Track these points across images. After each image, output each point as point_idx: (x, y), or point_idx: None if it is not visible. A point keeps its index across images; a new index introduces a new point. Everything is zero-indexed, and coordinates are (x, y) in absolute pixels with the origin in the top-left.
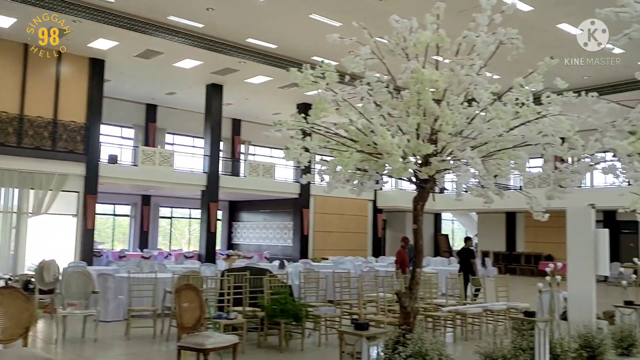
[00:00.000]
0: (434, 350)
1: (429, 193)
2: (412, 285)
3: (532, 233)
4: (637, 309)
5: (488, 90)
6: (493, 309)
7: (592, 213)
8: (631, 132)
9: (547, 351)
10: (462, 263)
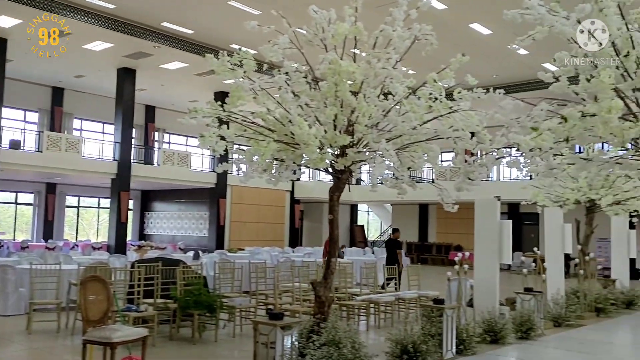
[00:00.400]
0: (347, 338)
1: (345, 184)
2: (327, 275)
3: (443, 224)
4: (535, 295)
5: (403, 84)
6: (405, 297)
7: (497, 205)
8: (533, 128)
9: (454, 336)
10: (389, 253)
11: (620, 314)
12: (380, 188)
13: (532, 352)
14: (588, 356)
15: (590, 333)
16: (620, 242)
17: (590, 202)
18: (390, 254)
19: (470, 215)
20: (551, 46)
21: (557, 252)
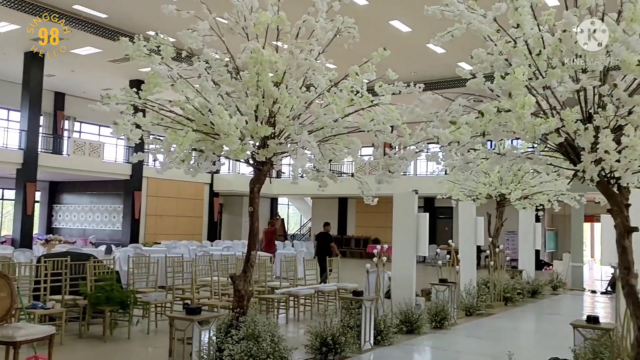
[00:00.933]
0: (266, 332)
1: (266, 176)
2: (246, 268)
3: (362, 217)
4: (449, 286)
5: (325, 76)
6: (324, 289)
7: (415, 198)
8: (452, 122)
9: (372, 327)
10: (319, 247)
11: (526, 302)
12: (301, 181)
13: (445, 340)
14: (496, 343)
15: (498, 321)
16: (527, 234)
17: (500, 197)
18: (322, 247)
19: (388, 209)
20: (467, 46)
21: (470, 244)
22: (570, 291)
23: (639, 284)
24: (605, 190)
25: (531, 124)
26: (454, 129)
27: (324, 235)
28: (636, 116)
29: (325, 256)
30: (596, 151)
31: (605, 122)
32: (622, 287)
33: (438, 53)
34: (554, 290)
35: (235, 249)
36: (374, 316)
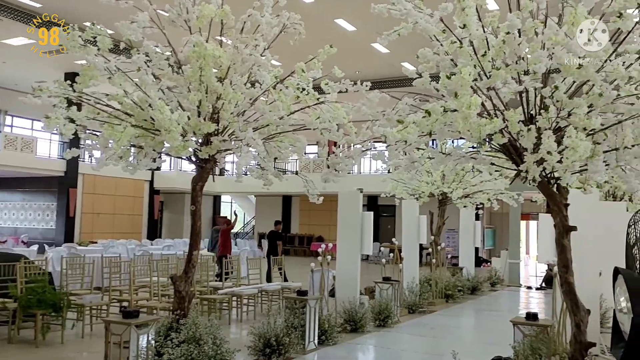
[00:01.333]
0: (208, 334)
1: (209, 173)
2: (187, 268)
3: (306, 216)
4: (393, 284)
5: (270, 73)
6: (268, 289)
7: (360, 197)
8: (399, 121)
9: (316, 327)
10: (270, 246)
11: (466, 299)
12: (245, 179)
13: (389, 339)
14: (438, 340)
15: (440, 318)
16: (467, 232)
17: (442, 195)
18: (273, 246)
19: (332, 207)
20: (411, 46)
21: (413, 242)
22: (508, 287)
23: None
24: (546, 190)
25: (476, 124)
26: (402, 128)
27: (274, 234)
28: (577, 118)
29: (276, 255)
30: (538, 152)
31: (548, 124)
32: (561, 285)
33: (382, 53)
34: (492, 286)
35: (177, 248)
36: (318, 316)
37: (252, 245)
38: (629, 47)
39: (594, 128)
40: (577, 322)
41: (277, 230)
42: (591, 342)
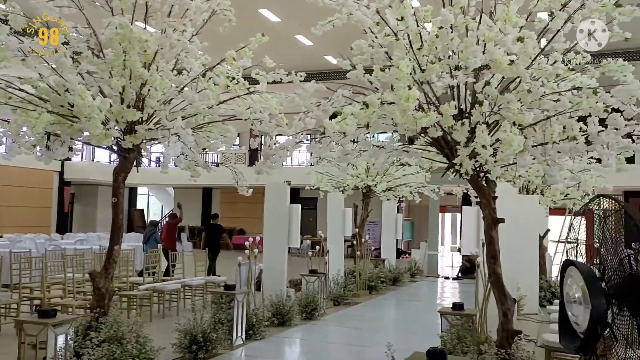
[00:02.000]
0: (131, 332)
1: (132, 164)
2: (108, 264)
3: (227, 208)
4: (319, 276)
5: (198, 60)
6: (192, 284)
7: (287, 189)
8: (337, 112)
9: (244, 322)
10: (210, 239)
11: (388, 290)
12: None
13: (316, 331)
14: (365, 332)
15: (365, 310)
16: (389, 225)
17: (366, 188)
18: (212, 240)
19: (255, 200)
20: (334, 39)
21: (339, 234)
22: (427, 278)
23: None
24: (475, 183)
25: (412, 117)
26: (340, 120)
27: (215, 227)
28: (510, 113)
29: (217, 249)
30: (467, 146)
31: (482, 118)
32: (489, 275)
33: (306, 45)
34: (412, 277)
35: (90, 242)
36: (246, 310)
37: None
38: (556, 45)
39: (525, 123)
40: (504, 311)
41: (217, 223)
42: (517, 330)
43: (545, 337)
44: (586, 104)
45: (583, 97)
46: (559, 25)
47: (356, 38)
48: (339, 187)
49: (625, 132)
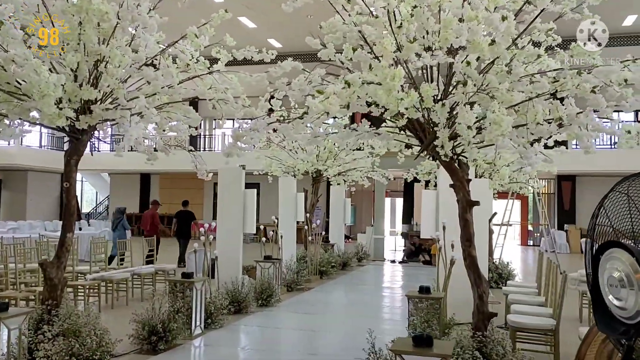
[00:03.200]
0: (87, 324)
1: (86, 146)
2: (60, 253)
3: (167, 194)
4: (274, 262)
5: (153, 37)
6: (141, 272)
7: (242, 174)
8: (319, 91)
9: (202, 310)
10: (181, 226)
11: (338, 274)
12: (98, 155)
13: (274, 318)
14: (320, 317)
15: (319, 295)
16: (337, 209)
17: (316, 173)
18: (183, 226)
19: (194, 185)
20: (276, 22)
21: (291, 220)
22: (373, 262)
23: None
24: (449, 166)
25: (394, 97)
26: (323, 99)
27: (186, 214)
28: (499, 93)
29: (188, 236)
30: (451, 127)
31: (465, 98)
32: (464, 259)
33: (249, 27)
34: (359, 261)
35: (22, 231)
36: (204, 298)
37: (109, 226)
38: (539, 25)
39: (513, 103)
40: (479, 294)
41: (188, 209)
42: (493, 312)
43: (510, 317)
44: (571, 84)
45: (568, 78)
46: (545, 3)
47: (299, 22)
48: (289, 172)
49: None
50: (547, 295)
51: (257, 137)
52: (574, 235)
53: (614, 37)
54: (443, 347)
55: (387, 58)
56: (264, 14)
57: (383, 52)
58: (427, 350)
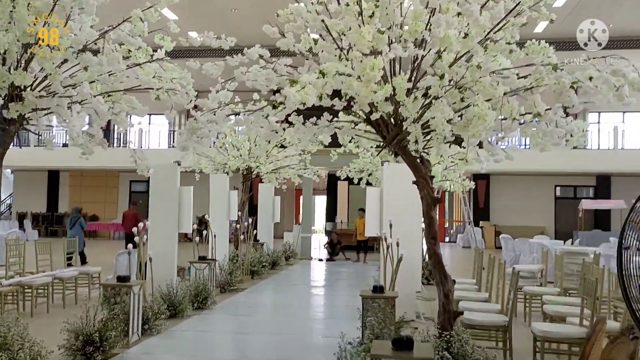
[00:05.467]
0: (15, 336)
1: (13, 137)
2: None
3: (77, 192)
4: (210, 263)
5: (90, 18)
6: (63, 276)
7: (178, 171)
8: (293, 81)
9: (139, 316)
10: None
11: (269, 274)
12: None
13: (211, 321)
14: (256, 318)
15: (253, 296)
16: (266, 208)
17: (247, 170)
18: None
19: (107, 184)
20: (198, 15)
21: (223, 218)
22: (301, 260)
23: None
24: (412, 162)
25: (371, 89)
26: (299, 89)
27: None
28: (482, 87)
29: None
30: (420, 122)
31: (442, 92)
32: (430, 257)
33: (170, 18)
34: (287, 260)
35: None
36: (142, 302)
37: (13, 226)
38: (513, 19)
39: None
40: (445, 293)
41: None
42: (459, 311)
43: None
44: (548, 80)
45: (544, 74)
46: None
47: (224, 15)
48: (219, 169)
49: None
50: (489, 291)
51: (215, 130)
52: (488, 231)
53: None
54: (423, 350)
55: (363, 48)
56: (188, 5)
57: (358, 42)
58: (408, 354)
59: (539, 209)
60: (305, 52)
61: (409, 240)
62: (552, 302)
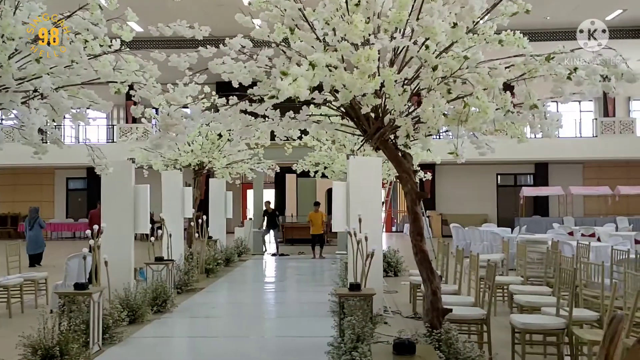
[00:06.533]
0: None
1: None
2: None
3: (9, 192)
4: (168, 264)
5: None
6: (8, 284)
7: (132, 168)
8: (283, 72)
9: (100, 325)
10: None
11: (224, 271)
12: None
13: (172, 325)
14: (217, 320)
15: (210, 296)
16: (218, 203)
17: (199, 166)
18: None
19: (42, 181)
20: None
21: (177, 216)
22: (253, 256)
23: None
24: (395, 156)
25: (364, 81)
26: (292, 81)
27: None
28: (480, 78)
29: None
30: (409, 115)
31: (434, 83)
32: (415, 254)
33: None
34: (239, 256)
35: None
36: (102, 312)
37: None
38: (502, 8)
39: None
40: (433, 290)
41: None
42: (448, 308)
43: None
44: (542, 71)
45: (538, 64)
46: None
47: (160, 5)
48: (169, 165)
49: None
50: (459, 283)
51: (191, 126)
52: (435, 220)
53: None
54: (425, 353)
55: (355, 38)
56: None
57: (350, 31)
58: (411, 358)
59: (482, 197)
60: (280, 42)
61: (372, 234)
62: (520, 292)
